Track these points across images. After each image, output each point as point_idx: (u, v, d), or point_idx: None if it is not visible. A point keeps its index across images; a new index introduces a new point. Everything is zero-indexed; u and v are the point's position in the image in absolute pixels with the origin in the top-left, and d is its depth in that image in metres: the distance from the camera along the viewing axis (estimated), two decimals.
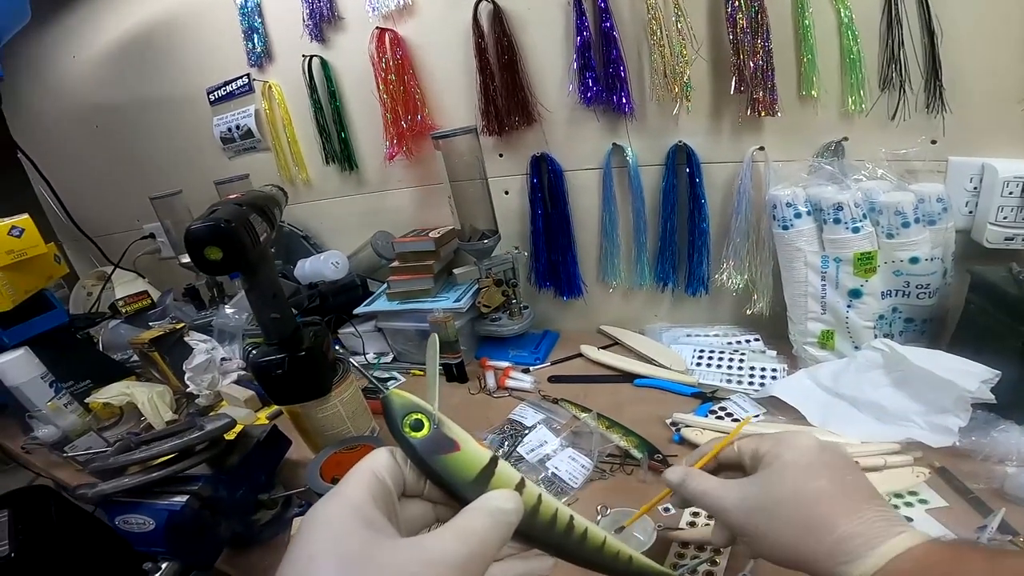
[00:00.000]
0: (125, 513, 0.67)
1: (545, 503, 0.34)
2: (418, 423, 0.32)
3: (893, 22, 0.83)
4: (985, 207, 0.84)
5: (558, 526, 0.34)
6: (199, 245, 0.61)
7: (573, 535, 0.35)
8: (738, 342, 1.07)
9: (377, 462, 0.32)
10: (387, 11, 1.15)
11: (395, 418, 0.32)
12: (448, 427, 0.33)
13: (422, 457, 0.31)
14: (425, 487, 0.33)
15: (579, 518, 0.36)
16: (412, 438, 0.31)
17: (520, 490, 0.33)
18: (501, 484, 0.32)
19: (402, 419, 0.32)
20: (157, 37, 1.48)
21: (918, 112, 0.86)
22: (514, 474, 0.33)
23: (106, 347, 1.45)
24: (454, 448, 0.32)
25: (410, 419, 0.32)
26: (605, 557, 0.37)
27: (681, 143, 1.00)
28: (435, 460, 0.31)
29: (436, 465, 0.31)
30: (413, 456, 0.32)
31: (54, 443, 1.08)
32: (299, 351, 0.76)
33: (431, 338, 0.41)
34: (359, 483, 0.30)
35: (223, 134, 1.49)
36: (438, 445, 0.32)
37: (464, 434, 0.33)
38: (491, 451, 0.33)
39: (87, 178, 1.86)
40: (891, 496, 0.66)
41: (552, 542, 0.34)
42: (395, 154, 1.24)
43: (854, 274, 0.86)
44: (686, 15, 0.92)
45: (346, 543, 0.27)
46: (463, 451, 0.32)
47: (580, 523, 0.35)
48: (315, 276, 1.32)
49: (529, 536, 0.33)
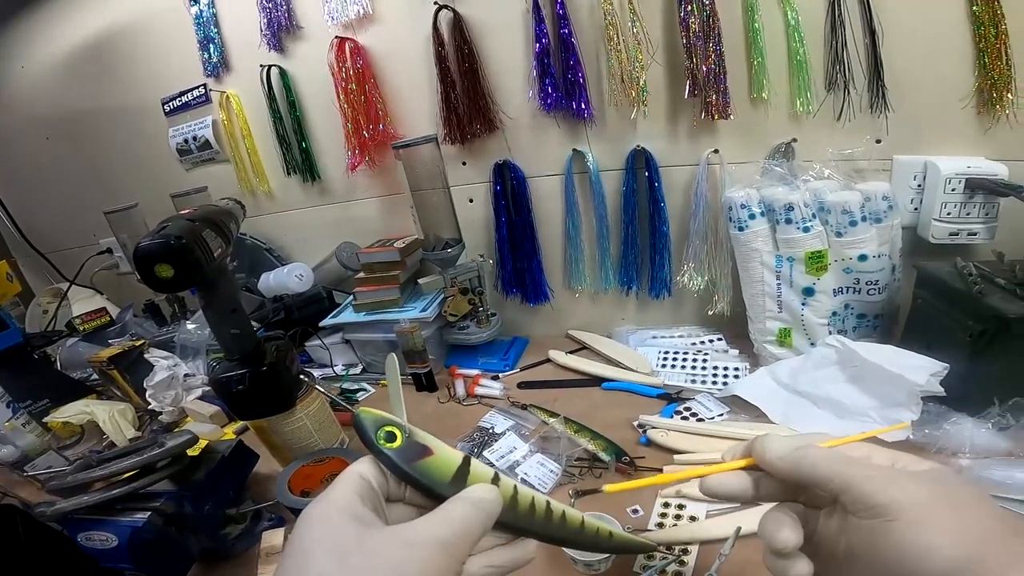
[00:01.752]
0: (88, 530, 0.67)
1: (522, 492, 0.36)
2: (390, 435, 0.34)
3: (836, 24, 0.86)
4: (929, 204, 0.87)
5: (537, 512, 0.36)
6: (149, 263, 0.60)
7: (552, 519, 0.37)
8: (701, 342, 1.09)
9: (362, 467, 0.34)
10: (346, 20, 1.14)
11: (367, 433, 0.34)
12: (419, 435, 0.35)
13: (399, 465, 0.33)
14: (406, 492, 0.35)
15: (555, 503, 0.38)
16: (387, 449, 0.33)
17: (496, 483, 0.35)
18: (477, 480, 0.34)
19: (375, 433, 0.34)
20: (109, 47, 1.44)
21: (863, 112, 0.89)
22: (488, 470, 0.35)
23: (64, 365, 1.40)
24: (428, 453, 0.34)
25: (383, 432, 0.34)
26: (586, 535, 0.39)
27: (640, 147, 1.02)
28: (412, 467, 0.33)
29: (414, 471, 0.33)
30: (390, 465, 0.33)
31: (13, 463, 1.06)
32: (261, 366, 0.75)
33: (389, 358, 0.42)
34: (346, 485, 0.32)
35: (180, 145, 1.46)
36: (412, 453, 0.34)
37: (435, 440, 0.35)
38: (461, 453, 0.35)
39: (40, 192, 1.80)
40: None
41: (534, 528, 0.36)
42: (357, 164, 1.24)
43: (806, 272, 0.88)
44: (642, 20, 0.93)
45: (337, 534, 0.29)
46: (436, 455, 0.34)
47: (557, 507, 0.37)
48: (280, 289, 1.30)
49: (511, 525, 0.35)
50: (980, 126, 0.86)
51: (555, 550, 0.64)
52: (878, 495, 0.30)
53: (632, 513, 0.71)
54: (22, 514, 0.93)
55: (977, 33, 0.81)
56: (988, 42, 0.80)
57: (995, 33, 0.80)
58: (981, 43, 0.81)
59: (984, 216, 0.85)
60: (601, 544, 0.40)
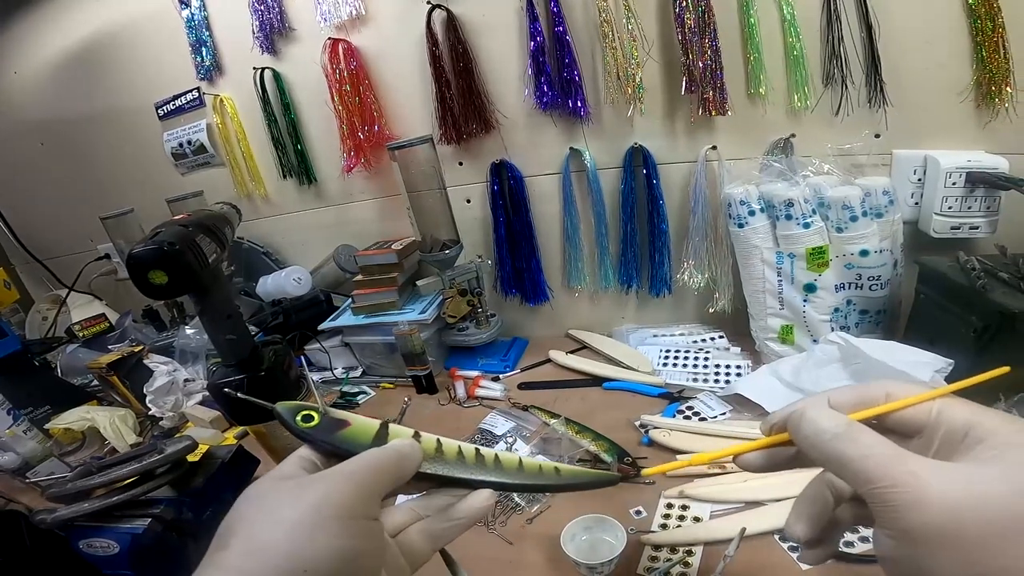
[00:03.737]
0: (88, 537, 0.68)
1: (447, 444, 0.38)
2: (308, 417, 0.36)
3: (832, 18, 0.85)
4: (930, 198, 0.87)
5: (467, 459, 0.38)
6: (142, 269, 0.59)
7: (486, 463, 0.38)
8: (703, 340, 1.08)
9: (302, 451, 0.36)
10: (339, 21, 1.14)
11: (287, 419, 0.36)
12: (335, 413, 0.38)
13: (321, 438, 0.36)
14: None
15: (486, 448, 0.39)
16: (307, 428, 0.36)
17: (417, 438, 0.37)
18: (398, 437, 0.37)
19: (293, 419, 0.36)
20: (102, 51, 1.43)
21: (861, 107, 0.88)
22: (408, 430, 0.38)
23: (65, 372, 1.41)
24: (345, 425, 0.37)
25: (300, 416, 0.36)
26: (530, 474, 0.39)
27: (637, 145, 1.01)
28: (332, 438, 0.36)
29: (335, 440, 0.36)
30: (312, 441, 0.36)
31: (15, 469, 1.07)
32: (258, 371, 0.75)
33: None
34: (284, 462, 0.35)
35: (174, 149, 1.45)
36: (330, 427, 0.36)
37: (352, 415, 0.38)
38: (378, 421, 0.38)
39: (36, 198, 1.79)
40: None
41: (470, 476, 0.37)
42: (353, 166, 1.23)
43: (808, 269, 0.88)
44: (637, 16, 0.93)
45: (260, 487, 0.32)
46: (354, 426, 0.37)
47: (488, 452, 0.39)
48: (278, 293, 1.30)
49: (445, 477, 0.37)
50: (979, 120, 0.85)
51: (557, 556, 0.64)
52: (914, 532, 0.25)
53: (635, 514, 0.71)
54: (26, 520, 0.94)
55: (974, 26, 0.80)
56: (985, 35, 0.79)
57: (992, 26, 0.79)
58: (978, 36, 0.80)
59: (985, 210, 0.84)
60: (549, 482, 0.39)
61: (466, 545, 0.69)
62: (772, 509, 0.67)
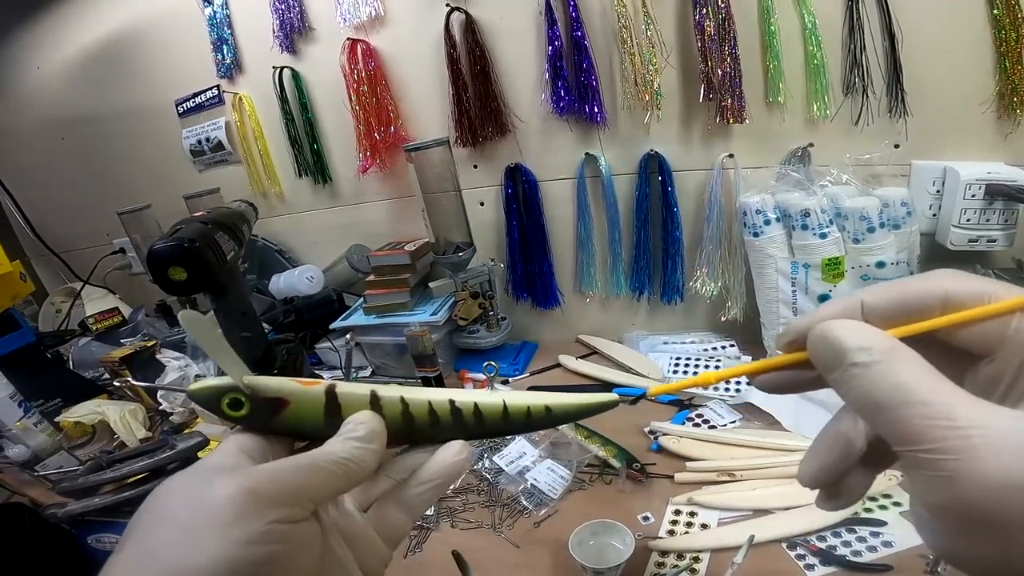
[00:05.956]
0: (98, 532, 0.69)
1: (415, 405, 0.31)
2: (236, 402, 0.29)
3: (855, 27, 0.85)
4: (948, 210, 0.86)
5: (442, 417, 0.31)
6: (162, 266, 0.60)
7: (464, 419, 0.32)
8: (714, 348, 1.07)
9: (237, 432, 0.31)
10: (358, 22, 1.15)
11: (212, 409, 0.29)
12: (265, 389, 0.30)
13: (261, 429, 0.30)
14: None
15: (463, 398, 0.32)
16: (239, 417, 0.29)
17: (376, 404, 0.31)
18: (353, 410, 0.30)
19: (218, 407, 0.29)
20: (124, 48, 1.45)
21: (881, 117, 0.88)
22: (362, 390, 0.31)
23: (76, 365, 1.41)
24: (284, 405, 0.30)
25: (226, 401, 0.29)
26: (516, 419, 0.32)
27: (653, 151, 1.01)
28: (274, 425, 0.30)
29: (279, 427, 0.30)
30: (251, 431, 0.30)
31: (24, 462, 1.07)
32: (271, 369, 0.75)
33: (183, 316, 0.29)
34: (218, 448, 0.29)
35: (193, 146, 1.47)
36: (266, 411, 0.30)
37: (287, 384, 0.30)
38: (322, 385, 0.31)
39: (54, 192, 1.81)
40: (864, 499, 0.67)
41: (450, 432, 0.32)
42: (369, 166, 1.24)
43: (823, 279, 0.87)
44: (656, 23, 0.93)
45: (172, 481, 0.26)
46: (294, 402, 0.30)
47: (467, 403, 0.32)
48: (290, 291, 1.30)
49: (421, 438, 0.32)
50: (1000, 131, 0.84)
51: (564, 560, 0.64)
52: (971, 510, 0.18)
53: (643, 520, 0.71)
54: (31, 513, 0.94)
55: (998, 37, 0.80)
56: (1009, 46, 0.79)
57: (1016, 37, 0.78)
58: (1002, 47, 0.80)
59: (1003, 223, 0.83)
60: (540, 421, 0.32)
61: (474, 548, 0.69)
62: (781, 517, 0.67)
